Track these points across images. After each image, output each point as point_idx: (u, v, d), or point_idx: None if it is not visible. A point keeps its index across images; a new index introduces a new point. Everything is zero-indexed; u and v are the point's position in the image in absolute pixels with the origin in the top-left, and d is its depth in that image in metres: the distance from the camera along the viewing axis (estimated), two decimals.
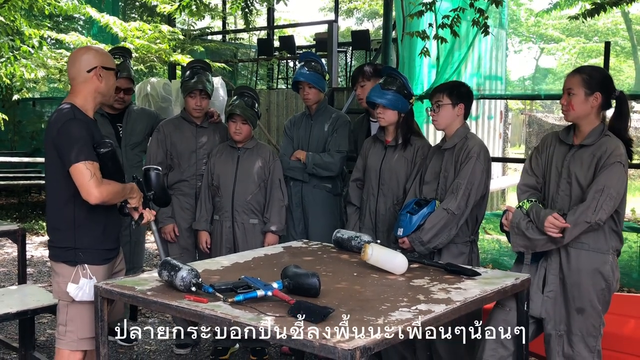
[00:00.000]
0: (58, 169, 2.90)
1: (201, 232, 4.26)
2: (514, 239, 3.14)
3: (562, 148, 3.20)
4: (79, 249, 2.95)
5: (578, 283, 3.06)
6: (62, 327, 3.00)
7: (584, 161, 3.07)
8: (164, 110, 6.46)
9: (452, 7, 5.08)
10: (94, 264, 2.98)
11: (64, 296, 2.96)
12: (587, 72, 3.11)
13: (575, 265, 3.06)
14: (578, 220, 2.95)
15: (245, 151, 4.21)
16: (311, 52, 7.98)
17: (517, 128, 23.79)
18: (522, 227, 3.10)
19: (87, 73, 2.96)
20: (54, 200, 2.99)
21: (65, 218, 2.95)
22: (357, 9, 23.99)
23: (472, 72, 7.67)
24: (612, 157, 2.98)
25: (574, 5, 10.81)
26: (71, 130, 2.83)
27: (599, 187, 2.95)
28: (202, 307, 2.38)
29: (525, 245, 3.12)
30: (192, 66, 4.45)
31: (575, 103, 3.08)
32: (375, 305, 2.43)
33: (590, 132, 3.10)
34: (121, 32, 6.79)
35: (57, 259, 2.99)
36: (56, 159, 2.89)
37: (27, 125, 12.01)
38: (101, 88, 2.99)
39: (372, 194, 3.93)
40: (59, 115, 2.90)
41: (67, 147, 2.82)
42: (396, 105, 3.79)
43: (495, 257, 6.65)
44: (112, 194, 2.90)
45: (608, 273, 3.05)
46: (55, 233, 3.01)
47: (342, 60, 11.37)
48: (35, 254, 7.56)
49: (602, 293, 3.06)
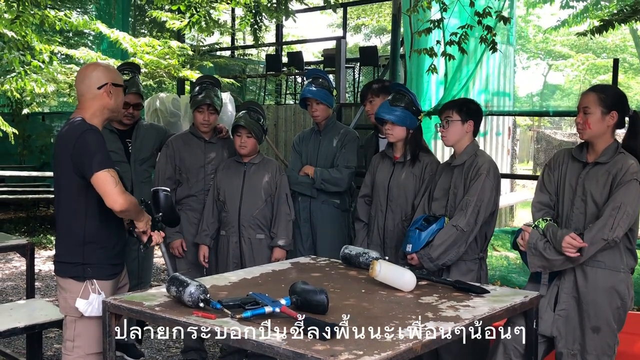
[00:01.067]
0: (70, 183, 2.90)
1: (201, 245, 4.27)
2: (531, 259, 3.10)
3: (576, 165, 3.19)
4: (87, 265, 2.96)
5: (594, 301, 3.03)
6: (69, 343, 2.99)
7: (599, 179, 3.06)
8: (173, 125, 6.49)
9: (460, 24, 5.08)
10: (101, 279, 2.99)
11: (72, 311, 2.96)
12: (603, 91, 3.11)
13: (592, 284, 3.04)
14: (595, 239, 2.94)
15: (251, 166, 4.21)
16: (318, 68, 8.02)
17: (525, 144, 23.76)
18: (539, 247, 3.06)
19: (97, 90, 2.98)
20: (64, 215, 2.98)
21: (75, 233, 2.95)
22: (365, 25, 24.13)
23: (480, 89, 7.67)
24: (627, 174, 2.97)
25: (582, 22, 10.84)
26: (90, 140, 2.84)
27: (616, 204, 2.94)
28: (210, 323, 2.37)
29: (543, 266, 3.09)
30: (201, 82, 4.47)
31: (592, 122, 3.07)
32: (384, 322, 2.41)
33: (605, 150, 3.09)
34: (131, 48, 6.84)
35: (65, 274, 2.99)
36: (69, 172, 2.89)
37: (36, 140, 12.06)
38: (110, 105, 3.01)
39: (381, 210, 3.92)
40: (72, 128, 2.91)
41: (88, 157, 2.82)
42: (404, 122, 3.80)
43: (503, 274, 6.61)
44: (133, 205, 2.92)
45: (624, 291, 3.04)
46: (63, 248, 3.01)
47: (350, 76, 11.41)
48: (43, 268, 7.57)
49: (617, 311, 3.04)
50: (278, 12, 6.23)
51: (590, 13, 10.77)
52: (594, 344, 3.04)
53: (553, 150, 18.80)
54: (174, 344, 5.02)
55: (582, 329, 3.07)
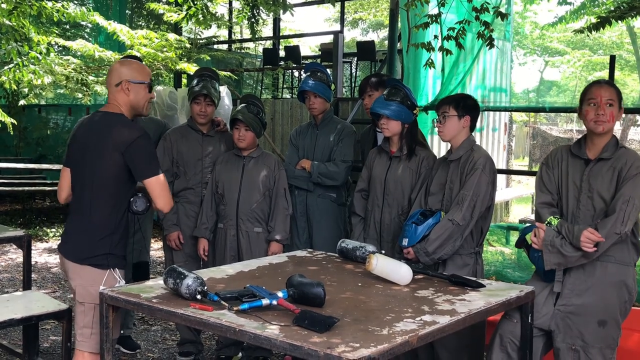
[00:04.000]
0: (108, 175, 3.00)
1: (200, 239, 4.28)
2: (548, 257, 3.07)
3: (577, 162, 3.19)
4: (112, 254, 3.04)
5: (604, 295, 3.06)
6: (87, 330, 3.02)
7: (605, 175, 3.07)
8: (170, 118, 6.50)
9: (458, 19, 5.09)
10: (120, 268, 3.09)
11: (92, 298, 2.98)
12: (615, 87, 3.13)
13: (603, 278, 3.06)
14: (609, 233, 2.95)
15: (250, 160, 4.22)
16: (317, 62, 8.02)
17: (521, 140, 23.83)
18: (556, 244, 3.05)
19: (115, 87, 3.09)
20: (97, 205, 3.04)
21: (108, 224, 3.04)
22: (363, 19, 24.10)
23: (477, 84, 7.69)
24: (633, 168, 3.00)
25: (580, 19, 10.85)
26: (146, 144, 3.04)
27: (626, 198, 2.96)
28: (208, 315, 2.39)
29: (559, 263, 3.07)
30: (199, 74, 4.47)
31: (615, 115, 3.08)
32: (380, 315, 2.43)
33: (606, 146, 3.10)
34: (128, 40, 6.82)
35: (84, 262, 3.03)
36: (109, 166, 2.99)
37: (32, 132, 12.03)
38: (131, 101, 3.11)
39: (377, 205, 3.94)
40: (125, 125, 3.04)
41: (145, 160, 3.01)
42: (400, 116, 3.81)
43: (498, 269, 6.64)
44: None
45: (631, 285, 3.08)
46: (87, 237, 3.04)
47: (347, 71, 11.41)
48: (39, 260, 7.57)
49: (625, 305, 3.09)
50: (276, 6, 6.24)
51: (587, 10, 10.77)
52: (599, 338, 3.06)
53: (549, 146, 18.86)
54: (170, 336, 5.03)
55: (586, 323, 3.07)
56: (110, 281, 3.00)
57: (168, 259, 4.48)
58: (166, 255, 4.55)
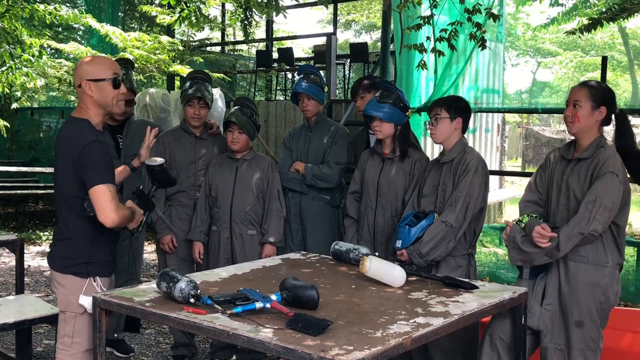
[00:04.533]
0: (76, 185, 2.90)
1: (195, 242, 4.27)
2: (510, 252, 3.16)
3: (562, 163, 3.23)
4: (91, 262, 2.96)
5: (577, 296, 3.07)
6: (67, 339, 2.98)
7: (581, 174, 3.10)
8: (163, 120, 6.49)
9: (450, 20, 5.11)
10: (103, 276, 3.01)
11: (72, 308, 2.95)
12: (594, 86, 3.15)
13: (575, 279, 3.08)
14: (572, 233, 2.97)
15: (243, 162, 4.22)
16: (310, 64, 8.02)
17: (514, 141, 23.86)
18: (517, 240, 3.11)
19: (79, 88, 2.97)
20: (69, 213, 2.97)
21: (82, 232, 2.95)
22: (355, 21, 24.12)
23: (469, 86, 7.70)
24: (604, 167, 3.01)
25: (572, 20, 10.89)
26: (95, 152, 2.84)
27: (591, 197, 2.97)
28: (201, 318, 2.38)
29: (522, 259, 3.13)
30: (192, 76, 4.47)
31: (581, 115, 3.10)
32: (374, 318, 2.43)
33: (588, 146, 3.12)
34: (120, 43, 6.81)
35: (65, 271, 2.97)
36: (72, 175, 2.89)
37: (25, 135, 11.99)
38: (97, 100, 2.95)
39: (370, 207, 3.94)
40: (79, 133, 2.90)
41: (89, 169, 2.84)
42: (392, 118, 3.82)
43: (492, 270, 6.66)
44: (125, 219, 2.92)
45: (607, 286, 3.06)
46: (66, 245, 2.99)
47: (340, 73, 11.41)
48: (32, 264, 7.54)
49: (600, 307, 3.07)
50: (269, 8, 6.24)
51: (579, 11, 10.81)
52: (578, 339, 3.07)
53: (541, 147, 18.92)
54: (164, 340, 5.02)
55: (566, 324, 3.10)
56: (90, 290, 2.93)
57: (161, 262, 4.48)
58: (159, 259, 4.54)
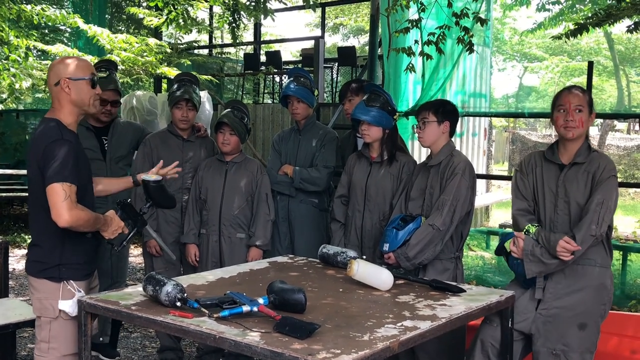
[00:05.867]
0: (42, 185, 2.83)
1: (189, 245, 4.25)
2: (529, 266, 3.10)
3: (551, 168, 3.22)
4: (63, 265, 2.90)
5: (585, 299, 3.09)
6: (44, 344, 2.93)
7: (580, 179, 3.11)
8: (150, 123, 6.45)
9: (438, 24, 5.12)
10: (77, 280, 2.94)
11: (47, 312, 2.91)
12: (586, 92, 3.18)
13: (584, 282, 3.10)
14: (585, 237, 2.99)
15: (233, 165, 4.21)
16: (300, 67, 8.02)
17: (500, 145, 23.99)
18: (537, 253, 3.07)
19: (55, 87, 2.90)
20: (39, 216, 2.91)
21: (51, 234, 2.89)
22: (343, 25, 24.18)
23: (456, 90, 7.74)
24: (606, 171, 3.06)
25: (558, 25, 10.96)
26: (55, 150, 2.78)
27: (599, 200, 3.01)
28: (188, 322, 2.37)
29: (541, 271, 3.11)
30: (179, 79, 4.45)
31: (585, 120, 3.13)
32: (361, 321, 2.43)
33: (579, 150, 3.14)
34: (108, 44, 6.77)
35: (39, 275, 2.92)
36: (40, 176, 2.83)
37: (10, 137, 11.89)
38: (73, 99, 2.91)
39: (358, 210, 3.94)
40: (44, 133, 2.84)
41: (48, 167, 2.76)
42: (380, 122, 3.82)
43: (479, 273, 6.68)
44: (82, 221, 2.81)
45: (610, 287, 3.13)
46: (38, 249, 2.94)
47: (328, 76, 11.42)
48: (17, 267, 7.47)
49: (604, 307, 3.12)
50: (257, 11, 6.22)
51: (565, 16, 10.90)
52: (580, 342, 3.08)
53: (528, 151, 18.99)
54: (150, 344, 4.99)
55: (568, 327, 3.09)
56: (67, 294, 2.88)
57: (148, 266, 4.45)
58: (146, 262, 4.51)
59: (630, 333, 3.65)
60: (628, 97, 22.75)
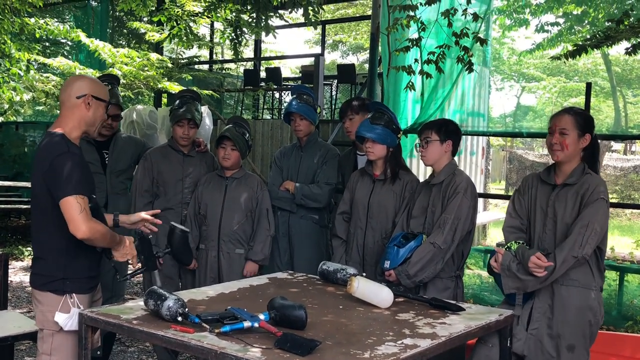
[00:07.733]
0: (48, 199, 2.85)
1: None
2: (505, 281, 3.15)
3: (545, 188, 3.27)
4: (67, 279, 2.91)
5: (569, 320, 3.10)
6: (45, 357, 2.94)
7: (569, 200, 3.13)
8: (149, 137, 6.46)
9: (438, 43, 5.16)
10: (80, 293, 2.95)
11: (50, 325, 2.91)
12: (578, 114, 3.20)
13: (567, 303, 3.11)
14: (566, 257, 3.01)
15: (233, 181, 4.22)
16: (303, 85, 8.07)
17: (497, 164, 24.05)
18: (513, 269, 3.12)
19: (76, 99, 2.93)
20: (43, 229, 2.92)
21: (55, 247, 2.90)
22: (343, 42, 24.29)
23: (455, 109, 7.77)
24: (595, 193, 3.07)
25: (557, 46, 11.04)
26: (64, 164, 2.80)
27: (584, 222, 3.02)
28: (189, 337, 2.37)
29: (517, 287, 3.14)
30: (181, 95, 4.47)
31: (570, 143, 3.15)
32: (362, 338, 2.44)
33: (573, 172, 3.17)
34: (109, 58, 6.80)
35: (43, 288, 2.93)
36: (46, 189, 2.84)
37: (9, 149, 11.88)
38: (88, 117, 2.95)
39: (360, 227, 3.95)
40: (50, 146, 2.86)
41: (58, 180, 2.78)
42: (385, 140, 3.85)
43: (476, 292, 6.68)
44: (99, 234, 2.83)
45: (596, 308, 3.12)
46: (42, 262, 2.94)
47: (328, 93, 11.47)
48: (14, 279, 7.45)
49: (590, 329, 3.12)
50: (259, 28, 6.26)
51: (564, 37, 10.99)
52: None
53: (525, 171, 19.06)
54: (147, 358, 4.97)
55: (557, 348, 3.11)
56: (65, 308, 2.89)
57: (146, 280, 4.44)
58: (144, 276, 4.50)
59: (627, 354, 3.66)
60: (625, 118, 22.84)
